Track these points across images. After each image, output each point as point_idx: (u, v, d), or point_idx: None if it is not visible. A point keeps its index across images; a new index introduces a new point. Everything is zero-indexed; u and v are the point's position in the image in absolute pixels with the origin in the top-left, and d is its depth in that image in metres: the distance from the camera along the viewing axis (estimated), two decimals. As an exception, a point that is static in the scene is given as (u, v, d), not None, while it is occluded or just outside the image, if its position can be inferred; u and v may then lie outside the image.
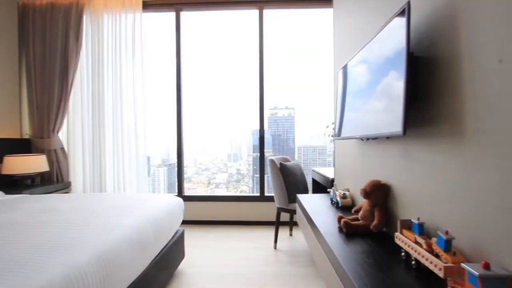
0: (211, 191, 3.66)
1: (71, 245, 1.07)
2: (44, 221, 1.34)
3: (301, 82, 3.45)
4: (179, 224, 1.98)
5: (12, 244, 1.06)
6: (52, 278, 0.86)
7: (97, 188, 2.89)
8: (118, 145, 2.86)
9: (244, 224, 3.02)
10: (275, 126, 3.60)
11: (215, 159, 3.90)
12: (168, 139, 3.49)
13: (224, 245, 2.45)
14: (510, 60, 0.66)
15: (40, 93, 2.79)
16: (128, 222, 1.39)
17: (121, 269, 1.17)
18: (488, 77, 0.73)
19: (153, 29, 3.07)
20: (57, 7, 2.78)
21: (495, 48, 0.71)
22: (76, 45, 2.76)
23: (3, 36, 2.69)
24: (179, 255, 1.95)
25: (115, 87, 2.85)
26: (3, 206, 1.68)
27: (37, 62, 2.79)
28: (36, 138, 2.80)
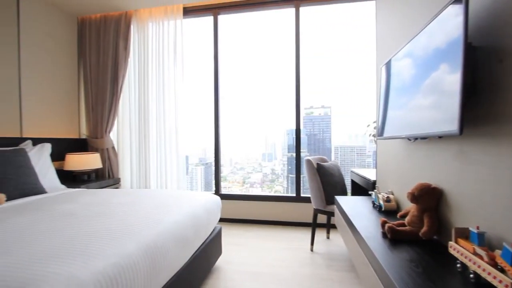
0: (246, 190, 3.71)
1: (122, 236, 1.16)
2: (99, 213, 1.48)
3: (338, 80, 3.33)
4: (217, 221, 2.04)
5: (72, 232, 1.18)
6: (107, 266, 0.94)
7: (142, 184, 3.11)
8: (160, 145, 3.04)
9: (279, 224, 3.01)
10: (311, 125, 3.52)
11: (250, 159, 3.94)
12: (205, 139, 3.62)
13: (260, 244, 2.46)
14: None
15: (95, 98, 3.09)
16: (171, 217, 1.47)
17: (165, 261, 1.24)
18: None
19: (192, 34, 3.21)
20: (109, 19, 3.05)
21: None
22: (125, 53, 3.01)
23: (64, 48, 3.03)
24: (216, 251, 2.01)
25: (158, 90, 3.04)
26: (65, 198, 1.90)
27: (92, 70, 3.10)
28: (91, 138, 3.11)
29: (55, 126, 2.88)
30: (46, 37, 2.78)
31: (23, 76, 2.54)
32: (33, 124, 2.63)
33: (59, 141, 2.83)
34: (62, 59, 2.99)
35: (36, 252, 0.98)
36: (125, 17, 3.00)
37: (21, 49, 2.53)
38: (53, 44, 2.87)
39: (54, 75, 2.88)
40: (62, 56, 2.99)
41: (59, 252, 0.97)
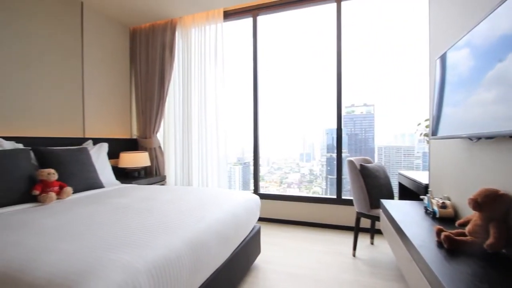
0: (283, 190, 3.68)
1: (169, 230, 1.23)
2: (149, 208, 1.60)
3: (382, 77, 3.12)
4: (256, 220, 2.06)
5: (127, 224, 1.29)
6: (157, 257, 1.01)
7: (185, 182, 3.28)
8: (202, 145, 3.18)
9: (317, 226, 2.93)
10: (352, 124, 3.36)
11: (287, 159, 3.90)
12: (243, 139, 3.68)
13: (298, 246, 2.42)
14: None
15: (144, 101, 3.35)
16: (213, 215, 1.52)
17: (207, 257, 1.29)
18: None
19: (231, 36, 3.29)
20: (156, 28, 3.28)
21: None
22: (170, 59, 3.20)
23: (118, 57, 3.33)
24: (255, 250, 2.03)
25: (200, 93, 3.18)
26: (120, 192, 2.08)
27: (142, 75, 3.36)
28: (141, 138, 3.38)
29: (110, 127, 3.19)
30: (103, 49, 3.10)
31: (85, 84, 2.85)
32: (93, 125, 2.95)
33: (114, 141, 3.13)
34: (116, 68, 3.29)
35: (98, 239, 1.09)
36: (171, 24, 3.20)
37: (84, 61, 2.84)
38: (109, 54, 3.18)
39: (109, 82, 3.18)
40: (116, 65, 3.29)
41: (117, 241, 1.07)
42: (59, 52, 2.59)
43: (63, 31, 2.63)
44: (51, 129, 2.50)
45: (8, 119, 2.18)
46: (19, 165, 1.79)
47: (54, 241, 1.06)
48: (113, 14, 3.11)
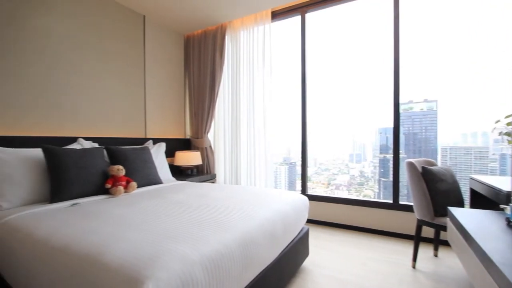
0: (331, 192, 3.54)
1: (221, 226, 1.28)
2: (202, 204, 1.69)
3: (447, 69, 2.78)
4: (305, 221, 2.02)
5: (184, 218, 1.39)
6: (211, 251, 1.06)
7: (234, 180, 3.39)
8: (250, 145, 3.25)
9: (370, 232, 2.75)
10: (409, 123, 3.06)
11: (336, 160, 3.74)
12: (289, 139, 3.64)
13: (348, 251, 2.30)
14: None
15: (196, 103, 3.56)
16: (262, 213, 1.54)
17: (257, 255, 1.30)
18: None
19: (279, 36, 3.28)
20: (207, 33, 3.46)
21: None
22: (221, 62, 3.34)
23: (174, 62, 3.60)
24: (304, 252, 1.99)
25: (248, 94, 3.25)
26: (176, 189, 2.25)
27: (195, 79, 3.58)
28: (193, 138, 3.60)
29: (167, 128, 3.47)
30: (161, 56, 3.38)
31: (147, 90, 3.16)
32: (153, 127, 3.24)
33: (170, 141, 3.39)
34: (172, 73, 3.56)
35: (160, 231, 1.19)
36: (221, 29, 3.34)
37: (146, 69, 3.15)
38: (166, 61, 3.45)
39: (166, 87, 3.46)
40: (172, 70, 3.56)
41: (175, 234, 1.16)
42: (125, 63, 2.92)
43: (129, 43, 2.95)
44: (119, 130, 2.83)
45: (86, 122, 2.54)
46: (95, 161, 2.07)
47: (124, 230, 1.20)
48: (170, 24, 3.38)
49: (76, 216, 1.43)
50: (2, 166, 1.70)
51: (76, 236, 1.14)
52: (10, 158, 1.76)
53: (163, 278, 0.85)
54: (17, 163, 1.77)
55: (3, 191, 1.66)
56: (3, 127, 2.00)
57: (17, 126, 2.07)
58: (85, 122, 2.52)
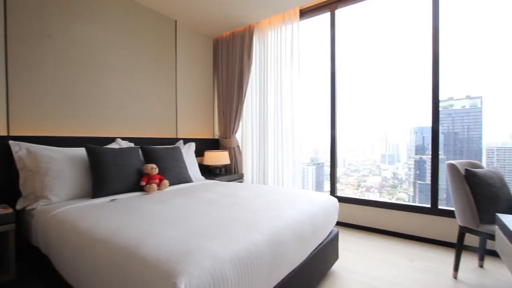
0: (361, 194, 3.40)
1: (250, 225, 1.29)
2: (231, 203, 1.71)
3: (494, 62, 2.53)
4: (334, 223, 1.97)
5: (212, 216, 1.42)
6: (240, 249, 1.07)
7: (261, 180, 3.40)
8: (278, 145, 3.24)
9: (404, 237, 2.60)
10: (449, 121, 2.84)
11: (366, 160, 3.59)
12: (317, 139, 3.57)
13: (381, 257, 2.20)
14: None
15: (225, 103, 3.63)
16: (290, 213, 1.52)
17: (285, 255, 1.29)
18: None
19: (307, 35, 3.23)
20: (235, 35, 3.51)
21: None
22: (248, 62, 3.37)
23: (203, 64, 3.70)
24: (333, 255, 1.94)
25: (276, 93, 3.24)
26: (205, 187, 2.31)
27: (223, 80, 3.65)
28: (222, 138, 3.68)
29: (197, 128, 3.58)
30: (191, 59, 3.49)
31: (178, 92, 3.28)
32: (183, 127, 3.36)
33: (199, 141, 3.50)
34: (202, 75, 3.67)
35: (191, 228, 1.22)
36: (249, 30, 3.37)
37: (177, 71, 3.28)
38: (196, 63, 3.56)
39: (196, 89, 3.57)
40: (202, 72, 3.67)
41: (206, 231, 1.19)
42: (159, 67, 3.06)
43: (162, 48, 3.09)
44: (152, 131, 2.98)
45: (123, 123, 2.70)
46: (132, 160, 2.19)
47: (158, 226, 1.25)
48: (200, 28, 3.48)
49: (115, 211, 1.53)
50: (51, 164, 1.87)
51: (116, 229, 1.22)
52: (58, 156, 1.93)
53: (195, 274, 0.87)
54: (64, 161, 1.94)
55: (53, 186, 1.83)
56: (53, 128, 2.20)
57: (64, 127, 2.27)
58: (122, 123, 2.69)
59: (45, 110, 2.15)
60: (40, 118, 2.13)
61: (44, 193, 1.79)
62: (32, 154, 1.86)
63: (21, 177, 1.87)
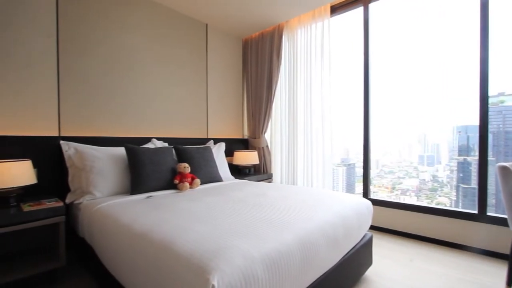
0: (396, 197, 3.21)
1: (281, 226, 1.28)
2: (260, 203, 1.72)
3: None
4: (368, 227, 1.89)
5: (242, 215, 1.43)
6: (271, 249, 1.06)
7: (290, 180, 3.37)
8: (307, 145, 3.19)
9: (445, 245, 2.40)
10: (499, 119, 2.56)
11: (402, 162, 3.38)
12: (348, 139, 3.44)
13: (420, 265, 2.06)
14: None
15: (254, 103, 3.66)
16: (321, 215, 1.49)
17: (316, 258, 1.26)
18: None
19: (338, 31, 3.13)
20: (265, 35, 3.52)
21: None
22: (278, 62, 3.36)
23: (233, 65, 3.76)
24: (366, 260, 1.85)
25: (305, 93, 3.19)
26: (235, 187, 2.34)
27: (252, 80, 3.68)
28: (251, 138, 3.71)
29: (226, 128, 3.65)
30: (222, 61, 3.57)
31: (208, 94, 3.38)
32: (214, 128, 3.45)
33: (229, 141, 3.56)
34: (231, 76, 3.73)
35: (223, 226, 1.25)
36: (278, 29, 3.36)
37: (208, 73, 3.37)
38: (226, 65, 3.64)
39: (226, 89, 3.64)
40: (231, 73, 3.73)
41: (237, 230, 1.20)
42: (190, 69, 3.17)
43: (193, 50, 3.20)
44: (185, 131, 3.10)
45: (158, 124, 2.84)
46: (166, 159, 2.30)
47: (191, 223, 1.30)
48: (230, 30, 3.54)
49: (151, 207, 1.61)
50: (95, 162, 2.03)
51: (152, 225, 1.29)
52: (101, 155, 2.09)
53: (227, 272, 0.89)
54: (106, 160, 2.09)
55: (97, 183, 1.98)
56: (97, 129, 2.38)
57: (106, 128, 2.45)
58: (157, 124, 2.83)
59: (90, 113, 2.34)
60: (86, 120, 2.32)
61: (89, 188, 1.95)
62: (79, 153, 2.04)
63: (69, 173, 2.05)
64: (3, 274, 1.56)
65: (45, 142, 2.07)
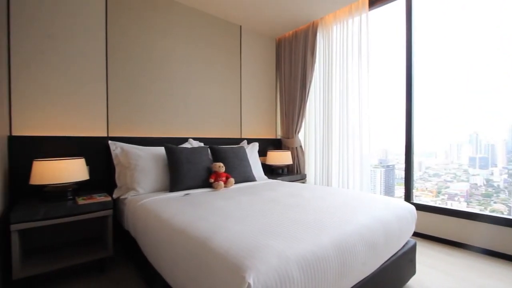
0: (441, 202, 2.95)
1: (316, 228, 1.25)
2: (295, 203, 1.70)
3: None
4: (410, 234, 1.76)
5: (276, 215, 1.42)
6: (306, 251, 1.04)
7: (324, 181, 3.28)
8: (343, 145, 3.07)
9: (503, 258, 2.14)
10: None
11: (449, 164, 3.09)
12: (386, 139, 3.24)
13: (471, 277, 1.86)
14: None
15: (287, 103, 3.63)
16: (359, 219, 1.42)
17: (354, 263, 1.21)
18: None
19: (377, 26, 2.97)
20: (299, 33, 3.47)
21: None
22: (312, 60, 3.30)
23: (266, 65, 3.77)
24: (409, 269, 1.73)
25: (341, 92, 3.08)
26: (268, 187, 2.34)
27: (286, 80, 3.65)
28: (284, 138, 3.69)
29: (260, 128, 3.67)
30: (255, 61, 3.60)
31: (242, 93, 3.43)
32: (247, 128, 3.49)
33: (262, 141, 3.58)
34: (264, 76, 3.74)
35: (257, 225, 1.26)
36: (312, 27, 3.29)
37: (242, 73, 3.42)
38: (259, 65, 3.66)
39: (259, 90, 3.67)
40: (265, 73, 3.74)
41: (271, 229, 1.20)
42: (225, 70, 3.25)
43: (228, 52, 3.28)
44: (219, 131, 3.18)
45: (194, 124, 2.96)
46: (202, 158, 2.38)
47: (227, 221, 1.33)
48: (264, 30, 3.56)
49: (189, 205, 1.68)
50: (139, 161, 2.17)
51: (190, 221, 1.34)
52: (144, 154, 2.23)
53: (262, 271, 0.89)
54: (148, 158, 2.23)
55: (140, 180, 2.12)
56: (140, 130, 2.55)
57: (148, 129, 2.61)
58: (193, 125, 2.95)
59: (134, 115, 2.52)
60: (131, 122, 2.50)
61: (133, 185, 2.10)
62: (125, 152, 2.20)
63: (116, 171, 2.23)
64: (60, 260, 1.75)
65: (95, 142, 2.27)
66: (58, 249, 1.92)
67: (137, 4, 2.53)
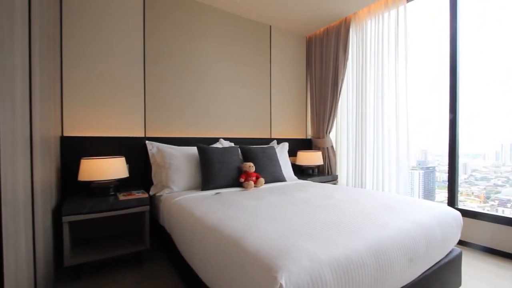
0: (491, 208, 2.67)
1: (350, 231, 1.20)
2: (327, 205, 1.65)
3: None
4: (455, 242, 1.62)
5: (307, 217, 1.40)
6: (340, 255, 1.01)
7: (358, 183, 3.15)
8: (378, 146, 2.92)
9: None
10: None
11: (500, 166, 2.79)
12: (425, 139, 3.02)
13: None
14: None
15: (318, 102, 3.55)
16: (398, 224, 1.34)
17: (392, 270, 1.14)
18: None
19: (416, 18, 2.78)
20: (330, 30, 3.38)
21: None
22: (344, 57, 3.19)
23: (296, 64, 3.72)
24: (454, 280, 1.60)
25: (376, 89, 2.93)
26: (299, 187, 2.31)
27: (316, 79, 3.57)
28: (314, 138, 3.61)
29: (290, 128, 3.64)
30: (285, 61, 3.57)
31: (272, 93, 3.42)
32: (277, 128, 3.48)
33: (292, 141, 3.54)
34: (295, 75, 3.70)
35: (288, 226, 1.25)
36: (345, 23, 3.17)
37: (271, 73, 3.42)
38: (289, 64, 3.62)
39: (289, 89, 3.63)
40: (295, 72, 3.70)
41: (302, 231, 1.18)
42: (255, 71, 3.27)
43: (258, 53, 3.30)
44: (249, 131, 3.21)
45: (225, 125, 3.02)
46: (232, 158, 2.42)
47: (257, 220, 1.33)
48: (293, 28, 3.52)
49: (220, 203, 1.72)
50: (173, 160, 2.27)
51: (222, 220, 1.37)
52: (178, 154, 2.33)
53: (294, 272, 0.88)
54: (182, 158, 2.32)
55: (174, 178, 2.22)
56: (174, 131, 2.67)
57: (182, 129, 2.72)
58: (224, 125, 3.01)
59: (168, 116, 2.64)
60: (166, 122, 2.62)
61: (168, 183, 2.20)
62: (160, 151, 2.31)
63: (152, 169, 2.35)
64: (104, 251, 1.89)
65: (134, 142, 2.42)
66: (100, 241, 2.08)
67: (171, 10, 2.65)
